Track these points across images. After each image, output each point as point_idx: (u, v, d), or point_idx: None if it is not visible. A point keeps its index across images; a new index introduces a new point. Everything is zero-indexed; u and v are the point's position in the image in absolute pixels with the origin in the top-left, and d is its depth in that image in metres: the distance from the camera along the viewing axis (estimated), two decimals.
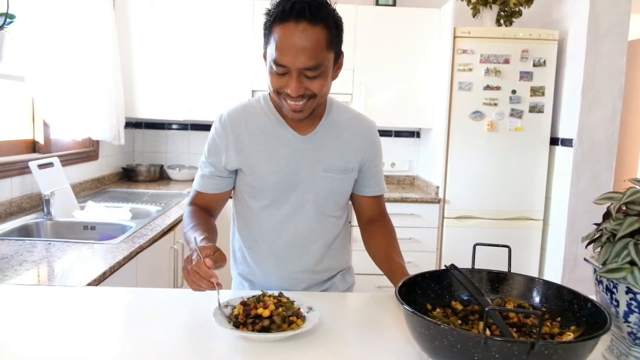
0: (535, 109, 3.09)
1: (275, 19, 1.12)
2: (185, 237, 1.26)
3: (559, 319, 0.95)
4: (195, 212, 1.31)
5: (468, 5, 3.19)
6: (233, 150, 1.28)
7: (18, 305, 1.15)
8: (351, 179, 1.36)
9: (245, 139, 1.28)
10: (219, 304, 1.05)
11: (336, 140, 1.32)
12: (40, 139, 2.57)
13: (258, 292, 1.12)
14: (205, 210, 1.35)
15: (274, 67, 1.14)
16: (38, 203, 2.38)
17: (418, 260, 3.13)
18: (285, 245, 1.34)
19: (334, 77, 1.23)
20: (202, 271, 1.01)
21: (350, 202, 1.44)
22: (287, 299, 1.08)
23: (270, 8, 1.15)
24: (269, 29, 1.15)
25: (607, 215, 0.92)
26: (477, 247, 1.05)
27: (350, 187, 1.38)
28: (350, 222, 1.45)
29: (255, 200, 1.33)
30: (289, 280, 1.36)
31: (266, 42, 1.18)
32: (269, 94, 1.29)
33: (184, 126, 3.73)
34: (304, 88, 1.14)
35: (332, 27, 1.14)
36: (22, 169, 2.28)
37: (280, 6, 1.11)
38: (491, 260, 1.04)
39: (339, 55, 1.21)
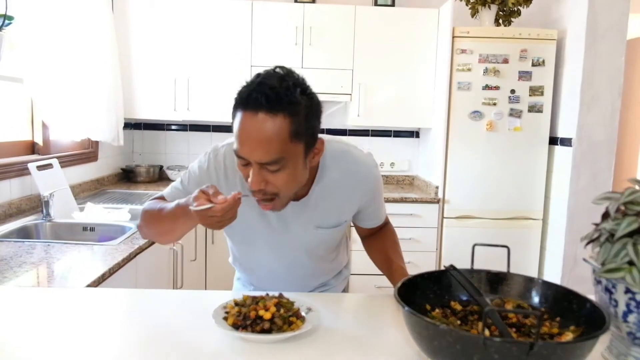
0: (534, 108, 3.09)
1: (235, 104, 1.02)
2: (158, 215, 1.16)
3: (558, 319, 0.95)
4: (160, 201, 1.23)
5: (467, 5, 3.19)
6: None
7: (17, 307, 1.15)
8: (345, 227, 1.32)
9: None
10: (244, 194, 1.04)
11: (330, 200, 1.22)
12: (39, 140, 2.57)
13: (261, 293, 1.12)
14: None
15: (236, 157, 1.04)
16: (37, 204, 2.38)
17: (418, 260, 3.13)
18: (280, 277, 1.34)
19: (312, 162, 1.10)
20: (227, 210, 0.96)
21: None
22: (287, 299, 1.08)
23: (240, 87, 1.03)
24: (234, 112, 1.03)
25: (605, 215, 0.92)
26: (476, 247, 1.05)
27: (343, 233, 1.37)
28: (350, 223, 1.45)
29: (245, 246, 1.33)
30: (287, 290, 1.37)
31: (233, 125, 1.04)
32: None
33: (183, 127, 3.72)
34: (264, 182, 1.03)
35: (300, 114, 0.99)
36: (21, 171, 2.28)
37: (242, 90, 1.01)
38: (491, 260, 1.04)
39: (311, 144, 1.06)
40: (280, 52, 3.22)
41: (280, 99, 0.97)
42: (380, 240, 1.39)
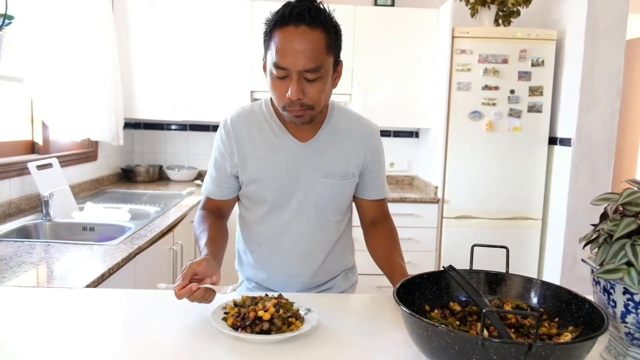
0: (533, 108, 3.09)
1: (275, 24, 1.15)
2: (197, 242, 1.28)
3: (556, 319, 0.95)
4: (204, 217, 1.33)
5: (466, 5, 3.19)
6: (237, 157, 1.30)
7: (17, 307, 1.15)
8: (352, 183, 1.36)
9: (247, 147, 1.30)
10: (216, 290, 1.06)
11: (336, 147, 1.32)
12: (39, 140, 2.57)
13: (261, 293, 1.12)
14: (217, 213, 1.37)
15: (274, 71, 1.15)
16: (37, 204, 2.38)
17: (417, 260, 3.14)
18: (287, 249, 1.35)
19: (334, 85, 1.24)
20: (186, 296, 1.02)
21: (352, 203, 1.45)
22: (287, 300, 1.08)
23: (269, 17, 1.18)
24: (269, 34, 1.17)
25: (604, 216, 0.92)
26: (475, 247, 1.06)
27: (351, 192, 1.39)
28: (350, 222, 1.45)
29: (256, 206, 1.34)
30: (293, 281, 1.38)
31: (266, 48, 1.19)
32: (270, 99, 1.31)
33: (183, 126, 3.72)
34: (302, 93, 1.15)
35: (331, 31, 1.16)
36: (21, 170, 2.28)
37: (280, 11, 1.14)
38: (490, 260, 1.05)
39: (337, 62, 1.22)
40: None
41: (318, 15, 1.13)
42: (383, 236, 1.40)
